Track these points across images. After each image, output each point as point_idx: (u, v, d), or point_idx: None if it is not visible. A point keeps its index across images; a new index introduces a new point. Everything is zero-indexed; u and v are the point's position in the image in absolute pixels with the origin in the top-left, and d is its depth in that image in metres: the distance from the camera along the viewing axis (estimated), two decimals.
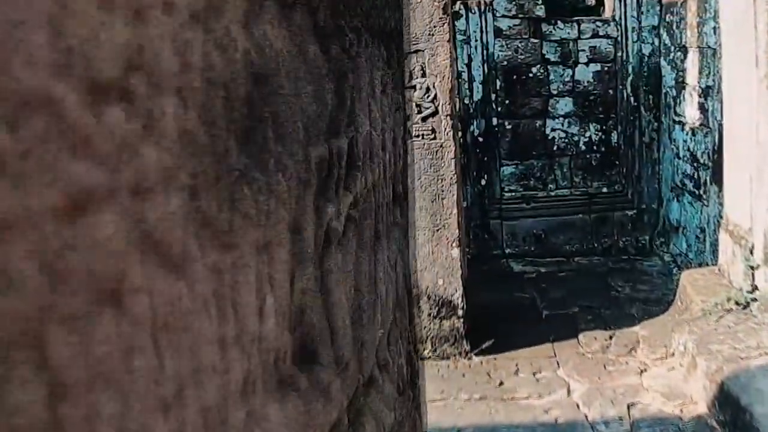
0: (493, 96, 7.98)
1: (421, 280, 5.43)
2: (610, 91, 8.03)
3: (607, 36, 7.95)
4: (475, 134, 8.03)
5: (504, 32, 7.92)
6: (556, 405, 4.89)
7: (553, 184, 8.13)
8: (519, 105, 8.03)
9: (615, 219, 8.10)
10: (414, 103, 5.20)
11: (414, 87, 5.18)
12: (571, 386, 5.10)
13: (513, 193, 8.10)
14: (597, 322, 6.06)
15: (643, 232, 8.08)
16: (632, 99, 7.99)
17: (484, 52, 7.91)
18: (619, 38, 7.93)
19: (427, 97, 5.17)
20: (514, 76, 7.99)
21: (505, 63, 7.96)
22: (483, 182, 8.05)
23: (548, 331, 5.97)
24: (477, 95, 7.97)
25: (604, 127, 8.08)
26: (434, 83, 5.15)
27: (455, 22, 7.70)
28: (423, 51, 5.14)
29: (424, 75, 5.14)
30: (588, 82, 8.01)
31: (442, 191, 5.27)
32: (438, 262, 5.38)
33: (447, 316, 5.42)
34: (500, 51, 7.94)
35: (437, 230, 5.32)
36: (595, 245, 8.11)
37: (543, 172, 8.12)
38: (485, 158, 8.05)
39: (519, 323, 6.16)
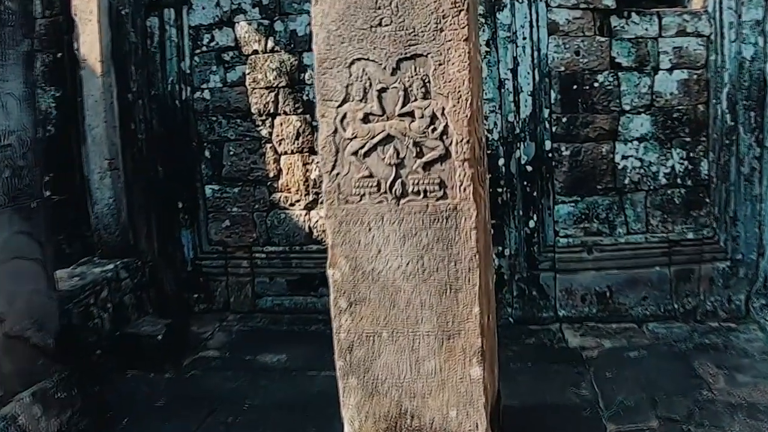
0: (546, 112, 6.32)
1: (423, 410, 3.49)
2: (700, 107, 6.27)
3: (696, 33, 6.21)
4: (522, 162, 6.36)
5: (561, 27, 6.24)
6: None
7: (623, 228, 6.41)
8: (580, 124, 6.33)
9: (702, 273, 6.34)
10: (410, 140, 3.18)
11: (411, 114, 3.18)
12: None
13: (570, 239, 6.44)
14: None
15: (737, 290, 6.28)
16: (728, 117, 6.22)
17: (535, 53, 6.28)
18: (712, 36, 6.19)
19: (432, 130, 3.18)
20: (574, 86, 6.30)
21: (563, 68, 6.29)
22: (531, 224, 6.42)
23: None
24: (525, 111, 6.31)
25: (691, 154, 6.32)
26: (443, 108, 3.17)
27: (497, 14, 6.18)
28: (425, 56, 3.16)
29: (426, 95, 3.16)
30: (671, 94, 6.27)
31: (457, 279, 3.31)
32: (449, 385, 3.44)
33: None
34: (556, 52, 6.28)
35: (448, 338, 3.40)
36: (675, 307, 6.34)
37: (610, 212, 6.41)
38: (535, 193, 6.39)
39: None
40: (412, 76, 3.17)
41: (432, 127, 3.18)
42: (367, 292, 3.41)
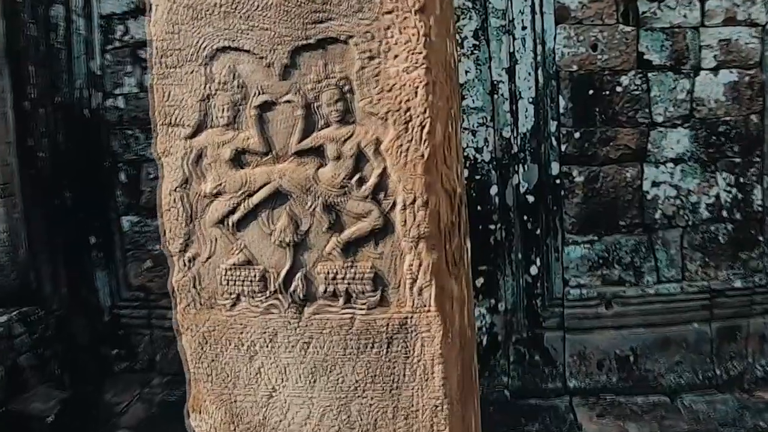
0: (554, 125, 5.38)
1: None
2: (753, 118, 5.38)
3: (749, 22, 5.34)
4: (522, 191, 5.40)
5: (573, 14, 5.29)
6: None
7: (653, 275, 5.49)
8: (597, 141, 5.41)
9: (751, 330, 5.47)
10: (319, 201, 1.70)
11: (318, 152, 1.75)
12: None
13: (584, 290, 5.50)
14: None
15: None
16: None
17: (538, 48, 5.36)
18: None
19: (359, 182, 1.74)
20: (590, 91, 5.38)
21: (575, 67, 5.38)
22: (534, 271, 5.47)
23: None
24: (525, 123, 5.36)
25: (741, 179, 5.42)
26: (378, 141, 1.72)
27: None
28: (344, 43, 1.70)
29: (347, 116, 1.70)
30: (716, 101, 5.38)
31: None
32: None
33: None
34: (566, 47, 5.33)
35: None
36: (718, 373, 5.42)
37: (636, 256, 5.50)
38: (537, 231, 5.46)
39: None
40: (319, 81, 1.67)
41: (358, 176, 1.68)
42: None
